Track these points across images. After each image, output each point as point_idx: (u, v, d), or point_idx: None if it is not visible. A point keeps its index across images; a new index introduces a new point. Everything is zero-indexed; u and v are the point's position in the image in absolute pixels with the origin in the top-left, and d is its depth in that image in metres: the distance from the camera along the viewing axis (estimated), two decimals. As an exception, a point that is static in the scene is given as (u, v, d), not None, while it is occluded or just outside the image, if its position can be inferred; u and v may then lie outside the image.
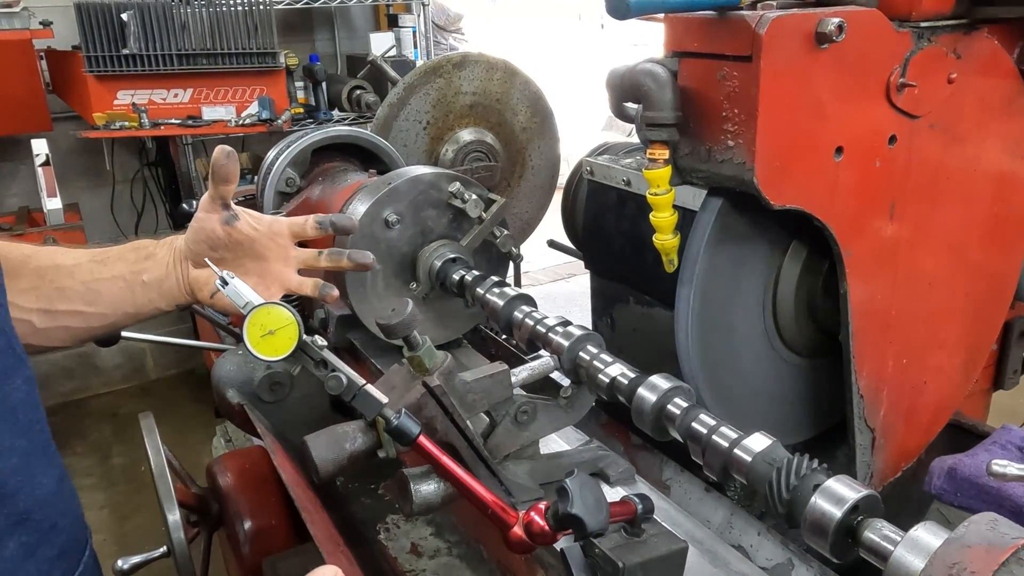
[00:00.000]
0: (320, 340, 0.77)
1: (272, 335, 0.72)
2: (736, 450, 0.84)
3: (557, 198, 2.24)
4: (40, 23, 3.40)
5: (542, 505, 0.76)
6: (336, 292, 1.24)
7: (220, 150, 1.08)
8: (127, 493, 3.64)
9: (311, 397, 1.50)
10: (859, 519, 0.73)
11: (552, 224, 2.34)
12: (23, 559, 0.74)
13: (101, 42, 3.35)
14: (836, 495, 0.74)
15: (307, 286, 1.19)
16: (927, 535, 0.65)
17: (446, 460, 0.76)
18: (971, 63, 1.22)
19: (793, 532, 1.13)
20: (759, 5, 1.07)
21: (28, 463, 0.74)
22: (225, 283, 0.78)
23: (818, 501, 0.74)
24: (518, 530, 0.76)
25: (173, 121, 3.59)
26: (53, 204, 3.31)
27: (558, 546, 0.86)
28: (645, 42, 6.16)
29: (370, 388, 0.79)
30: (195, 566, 1.45)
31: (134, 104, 3.51)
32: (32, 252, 1.04)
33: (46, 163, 3.28)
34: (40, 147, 3.28)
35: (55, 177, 3.33)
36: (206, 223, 1.10)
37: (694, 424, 0.90)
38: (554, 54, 7.83)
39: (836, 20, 1.02)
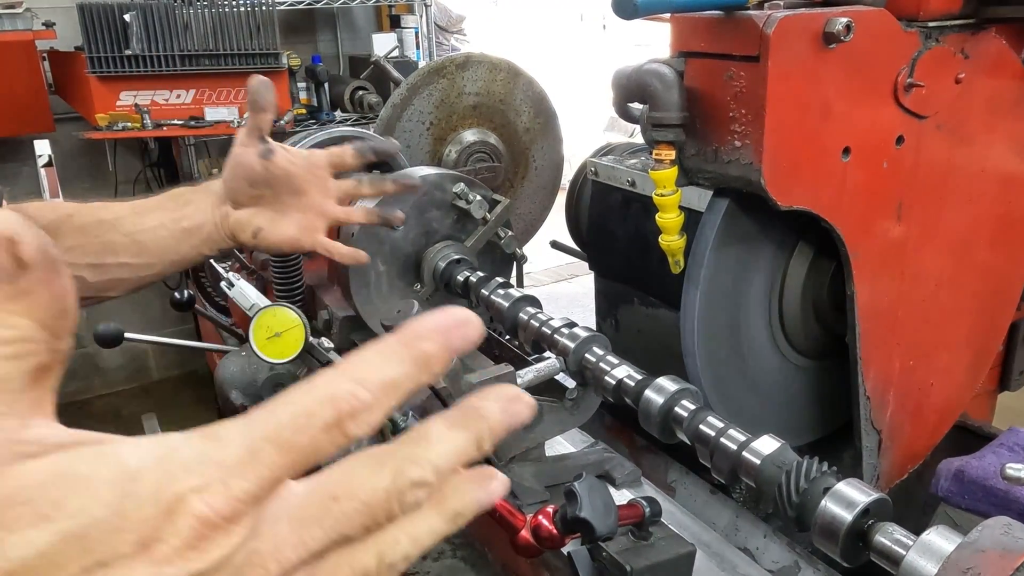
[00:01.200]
0: (327, 342, 0.77)
1: (278, 337, 0.72)
2: (745, 453, 0.83)
3: (560, 199, 2.24)
4: (43, 24, 3.40)
5: (550, 509, 0.75)
6: (401, 215, 1.22)
7: (256, 78, 1.07)
8: (129, 494, 3.64)
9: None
10: (870, 523, 0.72)
11: (555, 225, 2.34)
12: None
13: (104, 43, 3.35)
14: (846, 498, 0.73)
15: (356, 214, 1.18)
16: (940, 539, 0.64)
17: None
18: (979, 63, 1.21)
19: (800, 534, 1.12)
20: (766, 5, 1.06)
21: None
22: (231, 285, 0.77)
23: (828, 505, 0.73)
24: (526, 533, 0.76)
25: (175, 122, 3.59)
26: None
27: (565, 550, 0.85)
28: (647, 42, 6.15)
29: (377, 390, 0.79)
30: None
31: (136, 105, 3.51)
32: (74, 210, 1.05)
33: (48, 164, 3.28)
34: (43, 148, 3.27)
35: (58, 178, 3.33)
36: (243, 158, 1.08)
37: (702, 426, 0.89)
38: (556, 55, 7.83)
39: (844, 20, 1.01)
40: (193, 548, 0.31)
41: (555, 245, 2.38)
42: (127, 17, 3.33)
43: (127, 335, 1.51)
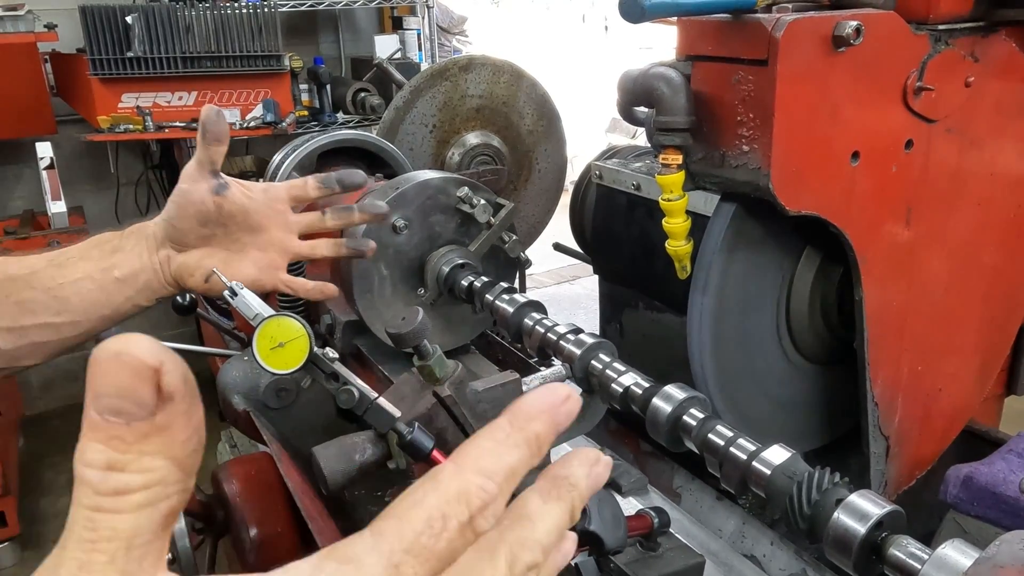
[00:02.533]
0: (331, 352, 0.76)
1: (282, 347, 0.71)
2: (755, 463, 0.82)
3: (563, 201, 2.23)
4: (45, 26, 3.39)
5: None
6: (372, 244, 1.13)
7: (208, 108, 0.97)
8: (131, 497, 3.63)
9: (318, 404, 1.48)
10: (884, 535, 0.71)
11: (557, 227, 2.33)
12: None
13: (106, 45, 3.35)
14: (860, 511, 0.72)
15: (321, 247, 1.09)
16: (956, 554, 0.63)
17: (460, 474, 0.74)
18: (989, 66, 1.20)
19: (806, 541, 1.11)
20: (775, 8, 1.05)
21: None
22: (235, 294, 0.76)
23: (841, 517, 0.72)
24: (533, 546, 0.74)
25: (177, 124, 3.59)
26: (57, 207, 3.30)
27: (573, 561, 0.84)
28: (650, 45, 6.14)
29: (383, 402, 0.78)
30: (200, 573, 1.43)
31: (138, 107, 3.50)
32: None
33: (50, 166, 3.28)
34: (44, 150, 3.27)
35: (59, 180, 3.32)
36: (193, 195, 0.97)
37: (711, 436, 0.88)
38: (557, 57, 7.82)
39: (854, 23, 1.00)
40: None
41: (558, 247, 2.37)
42: (129, 19, 3.33)
43: (129, 340, 1.49)
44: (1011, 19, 1.18)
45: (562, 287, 5.24)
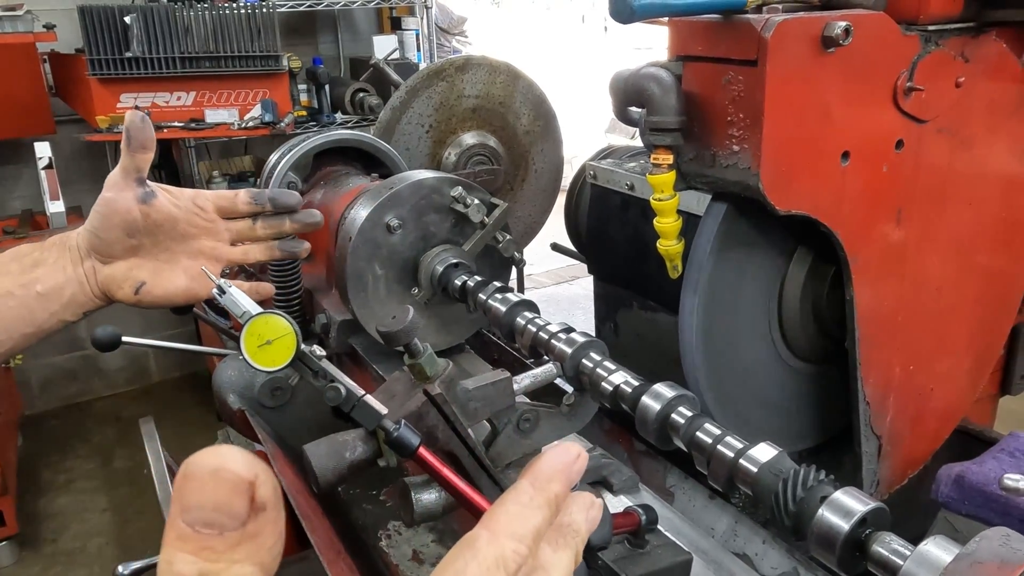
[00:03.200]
0: (319, 350, 0.76)
1: (269, 345, 0.71)
2: (741, 460, 0.83)
3: (560, 201, 2.23)
4: (44, 26, 3.40)
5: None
6: (306, 245, 1.11)
7: (133, 114, 0.95)
8: (130, 496, 3.64)
9: (312, 403, 1.49)
10: (867, 532, 0.71)
11: (555, 227, 2.33)
12: None
13: (104, 45, 3.36)
14: (844, 507, 0.72)
15: (254, 252, 1.08)
16: (937, 550, 0.64)
17: (447, 472, 0.74)
18: (979, 67, 1.21)
19: (792, 538, 1.12)
20: (764, 9, 1.06)
21: None
22: (223, 292, 0.77)
23: (825, 514, 0.73)
24: (520, 542, 0.75)
25: (176, 124, 3.60)
26: (56, 207, 3.31)
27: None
28: (648, 46, 6.15)
29: (369, 399, 0.78)
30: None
31: (137, 107, 3.51)
32: None
33: (49, 166, 3.29)
34: (43, 150, 3.28)
35: (58, 180, 3.33)
36: (118, 204, 0.94)
37: (699, 434, 0.89)
38: (557, 57, 7.83)
39: (843, 24, 1.01)
40: None
41: (556, 248, 2.38)
42: (128, 19, 3.34)
43: (125, 339, 1.50)
44: (1001, 20, 1.19)
45: (560, 287, 5.25)
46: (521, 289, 3.04)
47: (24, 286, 0.91)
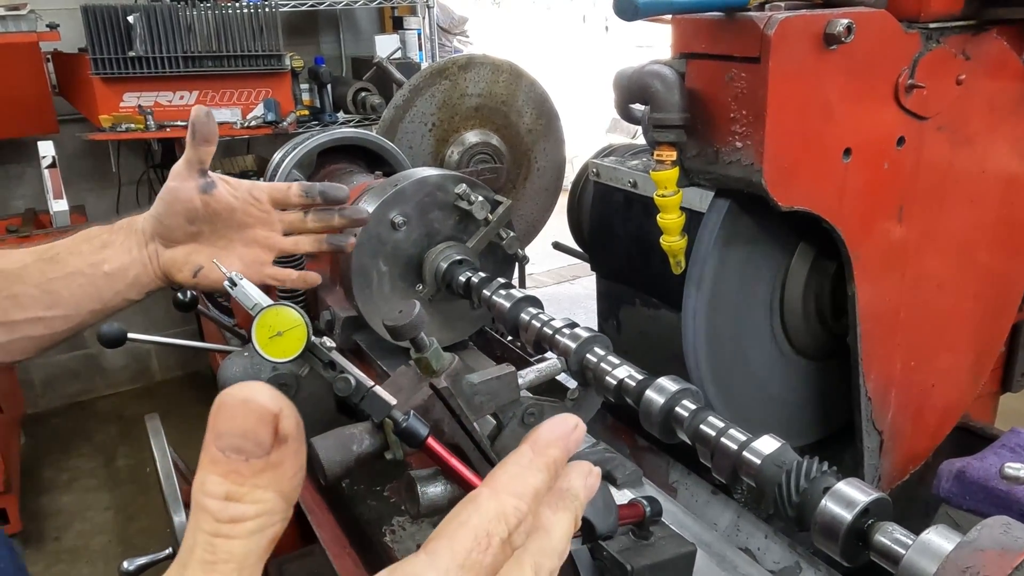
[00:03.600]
0: (329, 342, 0.77)
1: (280, 336, 0.72)
2: (745, 452, 0.84)
3: (562, 200, 2.24)
4: (47, 26, 3.41)
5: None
6: (352, 241, 1.18)
7: (198, 109, 0.99)
8: (133, 494, 3.65)
9: (317, 399, 1.50)
10: (870, 522, 0.72)
11: (557, 226, 2.34)
12: None
13: (107, 44, 3.37)
14: (846, 498, 0.73)
15: (304, 243, 1.13)
16: (939, 539, 0.65)
17: (455, 462, 0.75)
18: (980, 64, 1.21)
19: (801, 535, 1.12)
20: (767, 6, 1.06)
21: None
22: (234, 284, 0.78)
23: (828, 504, 0.74)
24: (526, 533, 0.76)
25: (179, 123, 3.60)
26: (59, 206, 3.32)
27: (566, 549, 0.85)
28: (650, 44, 6.15)
29: (378, 390, 0.79)
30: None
31: (140, 106, 3.52)
32: None
33: (52, 165, 3.30)
34: (46, 149, 3.29)
35: (61, 179, 3.34)
36: (181, 193, 1.00)
37: (702, 426, 0.90)
38: (558, 57, 7.84)
39: (845, 21, 1.01)
40: None
41: (557, 246, 2.38)
42: (131, 19, 3.35)
43: (130, 335, 1.51)
44: (1002, 18, 1.19)
45: (562, 286, 5.26)
46: (523, 288, 3.05)
47: (93, 265, 0.97)
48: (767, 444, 0.83)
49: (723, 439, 0.86)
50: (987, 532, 0.62)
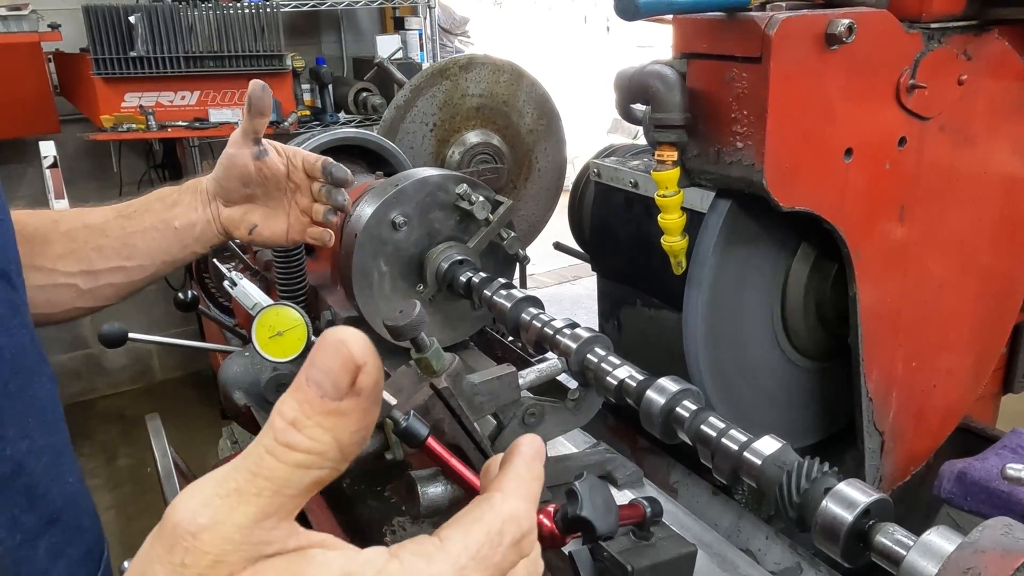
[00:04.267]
0: (329, 342, 0.77)
1: (280, 336, 0.72)
2: (746, 453, 0.83)
3: (563, 200, 2.24)
4: (48, 26, 3.42)
5: (551, 508, 0.75)
6: (333, 218, 1.24)
7: (256, 83, 1.09)
8: (133, 494, 3.65)
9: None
10: (871, 523, 0.72)
11: (558, 226, 2.34)
12: (54, 559, 0.74)
13: (109, 44, 3.37)
14: (847, 499, 0.73)
15: (319, 212, 1.22)
16: (940, 540, 0.64)
17: (455, 462, 0.75)
18: (982, 64, 1.21)
19: (801, 536, 1.12)
20: (768, 6, 1.06)
21: (57, 462, 0.74)
22: (234, 284, 0.78)
23: (829, 505, 0.73)
24: (526, 533, 0.75)
25: (180, 123, 3.61)
26: (61, 206, 3.32)
27: (566, 549, 0.85)
28: (651, 44, 6.15)
29: (379, 390, 0.79)
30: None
31: (141, 106, 3.52)
32: (59, 216, 1.05)
33: (54, 165, 3.30)
34: (48, 149, 3.29)
35: (63, 179, 3.34)
36: (237, 159, 1.11)
37: (703, 427, 0.89)
38: (559, 57, 7.84)
39: (846, 21, 1.01)
40: None
41: (558, 247, 2.38)
42: (132, 19, 3.35)
43: (131, 335, 1.51)
44: (1004, 18, 1.19)
45: (563, 287, 5.25)
46: (524, 288, 3.05)
47: (164, 222, 1.10)
48: (768, 445, 0.82)
49: (724, 440, 0.86)
50: (988, 533, 0.62)
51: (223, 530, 0.35)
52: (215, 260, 1.08)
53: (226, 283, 0.78)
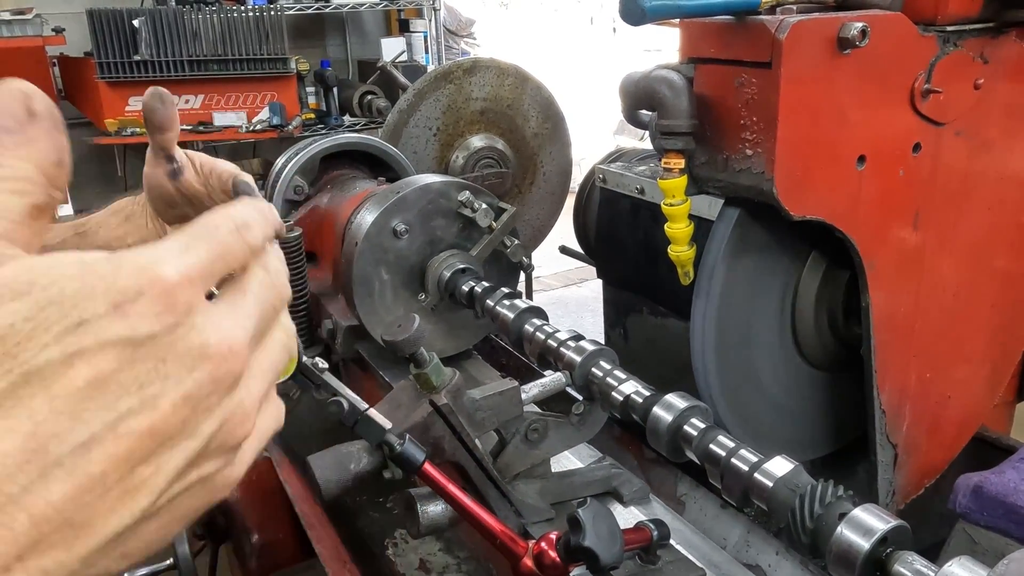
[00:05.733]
0: (321, 363, 0.74)
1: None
2: (756, 474, 0.81)
3: (569, 204, 2.21)
4: (53, 30, 3.41)
5: (553, 535, 0.72)
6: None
7: (151, 92, 0.92)
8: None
9: (319, 410, 1.47)
10: (888, 551, 0.69)
11: (564, 229, 2.31)
12: None
13: (113, 48, 3.36)
14: (864, 525, 0.70)
15: None
16: (963, 572, 0.61)
17: (452, 488, 0.73)
18: (998, 68, 1.18)
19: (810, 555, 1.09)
20: (778, 9, 1.03)
21: None
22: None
23: (844, 532, 0.70)
24: (528, 561, 0.73)
25: (184, 127, 3.59)
26: (64, 210, 3.31)
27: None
28: (658, 47, 6.12)
29: (373, 413, 0.76)
30: (200, 579, 1.42)
31: (146, 109, 3.51)
32: None
33: (58, 169, 3.29)
34: (52, 153, 3.28)
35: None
36: (152, 180, 1.00)
37: (712, 446, 0.87)
38: (565, 59, 7.81)
39: (859, 24, 0.98)
40: (163, 308, 0.36)
41: (564, 250, 2.36)
42: (136, 23, 3.34)
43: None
44: (1021, 20, 1.16)
45: (569, 290, 5.22)
46: (529, 294, 3.02)
47: (119, 239, 1.04)
48: (780, 466, 0.79)
49: (734, 460, 0.83)
50: (1015, 567, 0.59)
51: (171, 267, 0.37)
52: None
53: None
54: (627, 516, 1.12)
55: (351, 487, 0.89)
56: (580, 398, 1.09)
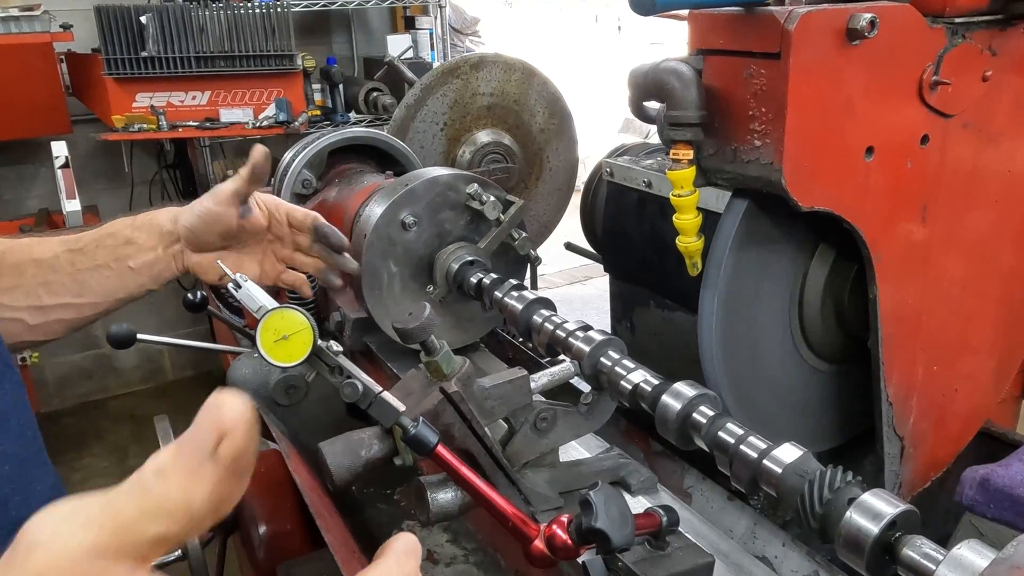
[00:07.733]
0: (335, 346, 0.75)
1: (286, 340, 0.70)
2: (765, 461, 0.81)
3: (574, 200, 2.22)
4: (60, 26, 3.42)
5: (564, 518, 0.73)
6: (338, 282, 1.27)
7: (261, 151, 1.08)
8: (144, 494, 3.65)
9: (327, 401, 1.48)
10: (897, 535, 0.69)
11: (569, 226, 2.31)
12: None
13: (120, 45, 3.37)
14: (873, 510, 0.70)
15: (306, 263, 1.23)
16: (972, 554, 0.62)
17: (465, 471, 0.73)
18: (1007, 60, 1.18)
19: (819, 542, 1.09)
20: (787, 0, 1.04)
21: (22, 470, 0.72)
22: (239, 286, 0.76)
23: (853, 516, 0.71)
24: (539, 544, 0.74)
25: (191, 123, 3.61)
26: (72, 206, 3.32)
27: (580, 559, 0.83)
28: (663, 41, 6.11)
29: (387, 395, 0.77)
30: (210, 570, 1.43)
31: (152, 106, 3.52)
32: (6, 247, 1.00)
33: (65, 165, 3.30)
34: (60, 149, 3.30)
35: (74, 179, 3.35)
36: (222, 218, 1.09)
37: (721, 433, 0.87)
38: (570, 57, 7.80)
39: (868, 15, 0.99)
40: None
41: (570, 247, 2.36)
42: (143, 19, 3.35)
43: (140, 336, 1.50)
44: (1030, 12, 1.16)
45: (574, 287, 5.23)
46: (535, 289, 3.02)
47: (118, 260, 1.05)
48: (788, 452, 0.80)
49: (742, 447, 0.84)
50: (1023, 549, 0.59)
51: (53, 551, 0.35)
52: (218, 261, 1.05)
53: (231, 285, 0.76)
54: (635, 505, 1.12)
55: (362, 474, 0.90)
56: (588, 388, 1.10)
